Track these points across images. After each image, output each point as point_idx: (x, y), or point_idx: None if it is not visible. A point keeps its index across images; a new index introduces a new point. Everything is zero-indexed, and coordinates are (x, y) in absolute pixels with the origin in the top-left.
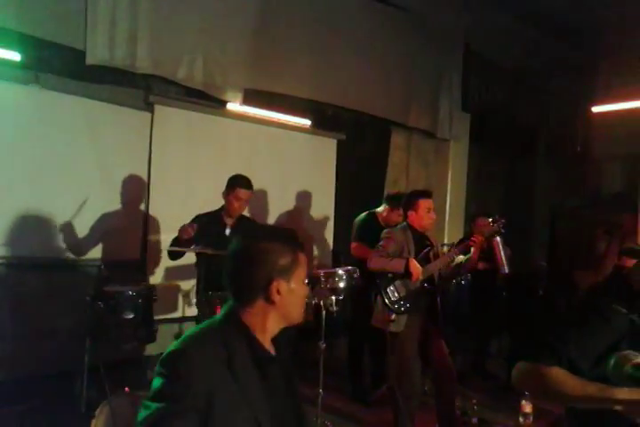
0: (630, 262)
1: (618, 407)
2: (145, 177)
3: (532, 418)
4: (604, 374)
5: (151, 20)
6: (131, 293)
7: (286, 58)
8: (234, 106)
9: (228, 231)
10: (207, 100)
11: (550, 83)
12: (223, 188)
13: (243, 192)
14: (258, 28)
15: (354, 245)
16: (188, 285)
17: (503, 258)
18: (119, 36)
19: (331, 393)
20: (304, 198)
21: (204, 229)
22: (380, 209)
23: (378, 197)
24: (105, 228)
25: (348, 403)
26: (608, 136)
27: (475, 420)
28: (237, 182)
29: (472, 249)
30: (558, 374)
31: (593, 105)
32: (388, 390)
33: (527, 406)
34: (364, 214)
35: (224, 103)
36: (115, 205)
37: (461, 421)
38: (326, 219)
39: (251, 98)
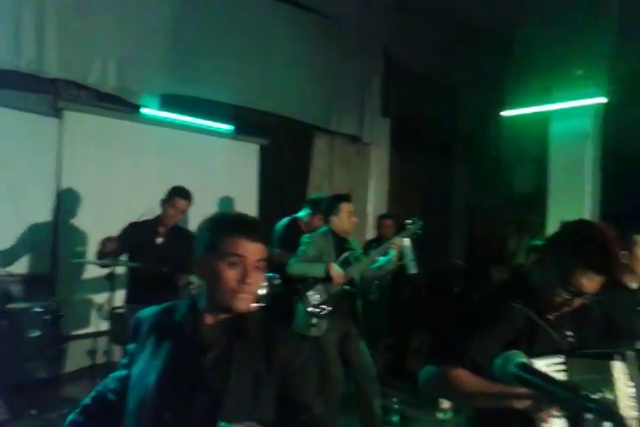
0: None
1: (518, 405)
2: (53, 187)
3: (451, 413)
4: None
5: (60, 20)
6: (36, 309)
7: (204, 62)
8: (150, 111)
9: (159, 240)
10: (121, 105)
11: (465, 88)
12: (140, 196)
13: (181, 202)
14: (173, 32)
15: (276, 251)
16: (102, 298)
17: (412, 259)
18: (25, 37)
19: None
20: (226, 205)
21: (136, 237)
22: (301, 214)
23: (301, 202)
24: (11, 241)
25: None
26: (519, 139)
27: (396, 418)
28: (176, 192)
29: (391, 251)
30: (461, 375)
31: (503, 109)
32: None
33: (446, 403)
34: (285, 220)
35: (139, 108)
36: (21, 216)
37: (382, 420)
38: None
39: (168, 103)
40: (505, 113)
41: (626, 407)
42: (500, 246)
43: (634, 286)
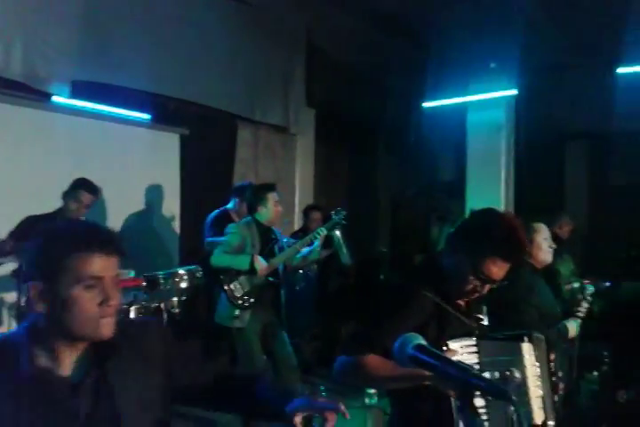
0: None
1: (428, 382)
2: None
3: (376, 398)
4: None
5: None
6: None
7: (119, 48)
8: (60, 99)
9: None
10: (30, 92)
11: (388, 79)
12: (51, 188)
13: (86, 196)
14: (84, 15)
15: (207, 242)
16: (11, 297)
17: (344, 249)
18: None
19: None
20: (146, 197)
21: (32, 232)
22: (231, 205)
23: (226, 193)
24: None
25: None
26: (441, 130)
27: None
28: (81, 185)
29: (316, 242)
30: (373, 361)
31: (425, 100)
32: None
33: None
34: (215, 212)
35: (49, 96)
36: None
37: None
38: (172, 217)
39: (80, 90)
40: (426, 104)
41: (533, 386)
42: (424, 235)
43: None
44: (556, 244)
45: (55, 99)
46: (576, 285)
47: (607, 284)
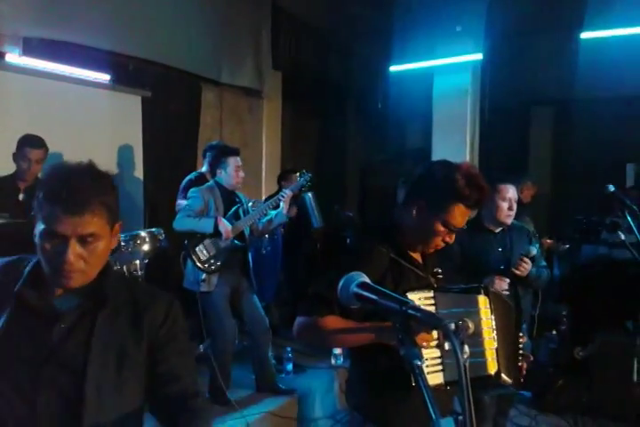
0: None
1: (386, 339)
2: None
3: (342, 359)
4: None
5: None
6: None
7: (75, 4)
8: (14, 58)
9: (21, 196)
10: None
11: (355, 42)
12: (6, 151)
13: (32, 152)
14: None
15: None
16: None
17: (315, 212)
18: None
19: None
20: (108, 160)
21: None
22: (204, 168)
23: (191, 156)
24: None
25: None
26: (408, 95)
27: (290, 367)
28: (25, 142)
29: (282, 204)
30: (331, 321)
31: (391, 64)
32: (205, 349)
33: (338, 349)
34: (191, 175)
35: (2, 55)
36: None
37: (277, 369)
38: (135, 180)
39: (34, 49)
40: (393, 68)
41: (487, 337)
42: (392, 200)
43: (496, 230)
44: (517, 206)
45: (8, 58)
46: (536, 246)
47: (566, 246)
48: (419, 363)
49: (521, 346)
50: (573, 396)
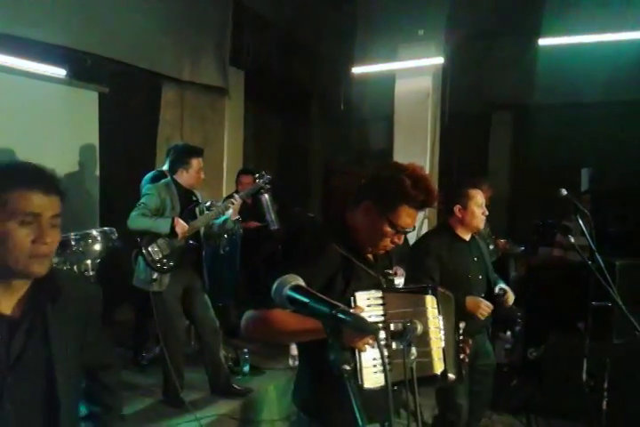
0: None
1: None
2: None
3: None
4: None
5: None
6: None
7: None
8: None
9: None
10: None
11: (319, 43)
12: None
13: None
14: None
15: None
16: None
17: (271, 214)
18: None
19: None
20: (63, 157)
21: None
22: (166, 166)
23: (150, 154)
24: None
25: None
26: (372, 96)
27: (246, 368)
28: None
29: (230, 211)
30: (279, 314)
31: (354, 66)
32: (160, 350)
33: (294, 349)
34: (151, 173)
35: None
36: None
37: (234, 370)
38: (92, 179)
39: None
40: (355, 70)
41: (434, 337)
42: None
43: (467, 237)
44: None
45: None
46: (491, 247)
47: (521, 248)
48: (347, 368)
49: (461, 337)
50: (527, 396)
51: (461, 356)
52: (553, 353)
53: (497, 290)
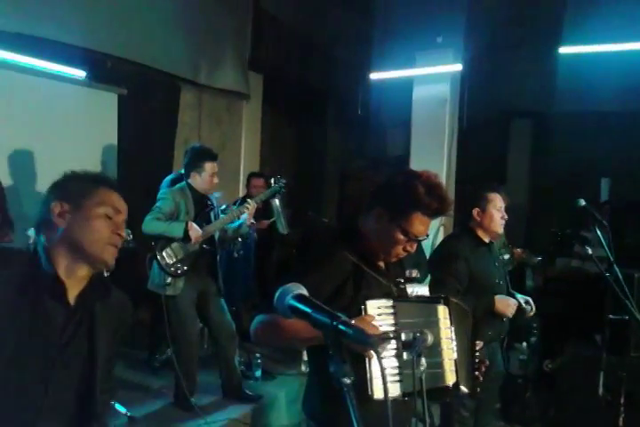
0: None
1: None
2: None
3: None
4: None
5: None
6: None
7: None
8: None
9: None
10: None
11: (337, 48)
12: None
13: None
14: None
15: None
16: None
17: (282, 219)
18: None
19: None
20: (81, 158)
21: None
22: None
23: (168, 156)
24: None
25: (130, 370)
26: (388, 103)
27: (258, 373)
28: None
29: (244, 215)
30: (288, 320)
31: (371, 72)
32: (171, 354)
33: (307, 355)
34: (171, 176)
35: None
36: None
37: (245, 375)
38: None
39: (7, 42)
40: (373, 76)
41: (446, 348)
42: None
43: (486, 240)
44: None
45: None
46: (506, 257)
47: (538, 258)
48: (347, 381)
49: (478, 354)
50: (541, 408)
51: (476, 373)
52: (569, 366)
53: (523, 302)
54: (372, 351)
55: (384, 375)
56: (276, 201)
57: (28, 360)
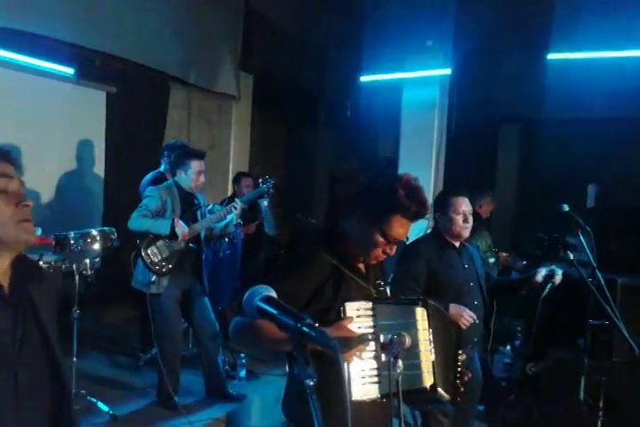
0: None
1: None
2: None
3: None
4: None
5: None
6: None
7: None
8: None
9: None
10: None
11: (328, 50)
12: None
13: None
14: None
15: None
16: None
17: (270, 219)
18: None
19: (91, 361)
20: (69, 156)
21: None
22: (162, 167)
23: (156, 155)
24: None
25: (113, 369)
26: (378, 105)
27: (243, 373)
28: None
29: (231, 215)
30: (265, 322)
31: (361, 74)
32: (155, 353)
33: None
34: (150, 174)
35: None
36: None
37: (230, 375)
38: (96, 178)
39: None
40: (363, 78)
41: (424, 350)
42: None
43: (456, 244)
44: (474, 221)
45: None
46: (492, 260)
47: (523, 262)
48: (310, 383)
49: (460, 363)
50: (524, 411)
51: (458, 381)
52: (552, 369)
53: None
54: (348, 354)
55: (349, 377)
56: (264, 201)
57: None
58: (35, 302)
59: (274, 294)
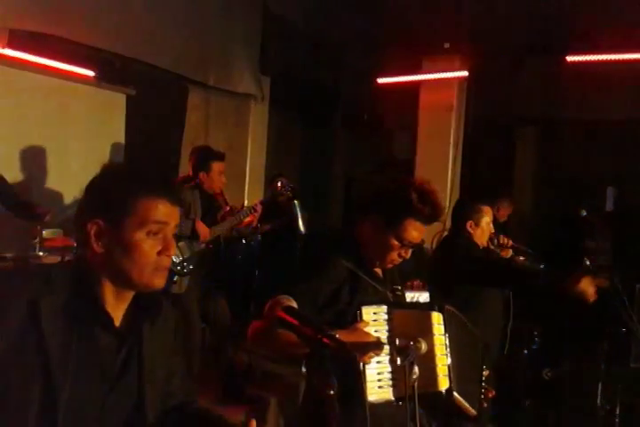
0: None
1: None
2: None
3: None
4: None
5: None
6: None
7: None
8: None
9: None
10: None
11: (346, 52)
12: None
13: None
14: None
15: None
16: None
17: (299, 220)
18: None
19: None
20: (88, 157)
21: None
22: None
23: (175, 157)
24: None
25: None
26: (397, 107)
27: (258, 372)
28: None
29: (250, 217)
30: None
31: (379, 76)
32: None
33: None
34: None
35: None
36: None
37: (246, 375)
38: None
39: (18, 40)
40: (380, 80)
41: (439, 354)
42: None
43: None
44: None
45: None
46: None
47: (541, 266)
48: (331, 393)
49: (484, 379)
50: (540, 417)
51: (482, 396)
52: (568, 375)
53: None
54: (365, 356)
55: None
56: (296, 202)
57: (84, 389)
58: (143, 341)
59: (294, 303)
